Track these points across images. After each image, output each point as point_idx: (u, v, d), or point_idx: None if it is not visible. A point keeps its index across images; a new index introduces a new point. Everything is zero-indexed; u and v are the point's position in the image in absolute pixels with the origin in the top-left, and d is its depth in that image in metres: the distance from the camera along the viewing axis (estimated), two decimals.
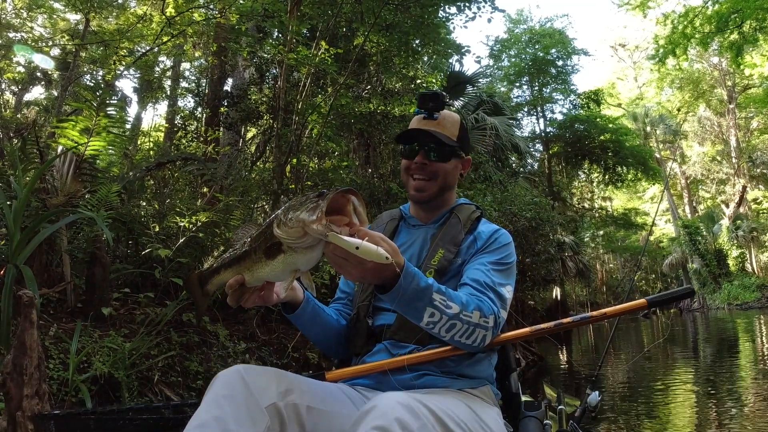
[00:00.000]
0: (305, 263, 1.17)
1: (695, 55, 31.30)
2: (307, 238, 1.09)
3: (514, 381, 1.81)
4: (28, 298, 2.26)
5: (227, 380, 1.18)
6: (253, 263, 1.23)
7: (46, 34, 14.82)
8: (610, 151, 24.88)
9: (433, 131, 1.64)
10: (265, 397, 1.17)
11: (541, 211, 11.11)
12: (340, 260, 1.13)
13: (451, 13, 8.96)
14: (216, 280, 1.37)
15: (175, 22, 8.49)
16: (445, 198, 1.72)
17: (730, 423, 4.66)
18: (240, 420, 1.10)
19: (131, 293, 4.38)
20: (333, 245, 1.09)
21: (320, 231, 1.06)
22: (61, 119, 5.23)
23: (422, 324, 1.32)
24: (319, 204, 1.07)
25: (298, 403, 1.23)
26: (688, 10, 15.83)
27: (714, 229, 30.96)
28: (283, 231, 1.10)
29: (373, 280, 1.24)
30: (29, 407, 2.25)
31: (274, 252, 1.16)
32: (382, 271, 1.18)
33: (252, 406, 1.13)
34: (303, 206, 1.09)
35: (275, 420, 1.16)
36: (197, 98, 11.35)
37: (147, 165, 6.00)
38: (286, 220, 1.10)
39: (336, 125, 8.40)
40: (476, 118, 15.19)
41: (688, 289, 1.71)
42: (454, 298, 1.33)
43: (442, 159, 1.66)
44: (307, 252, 1.13)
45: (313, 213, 1.07)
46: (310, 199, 1.10)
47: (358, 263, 1.12)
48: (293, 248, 1.12)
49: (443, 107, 1.69)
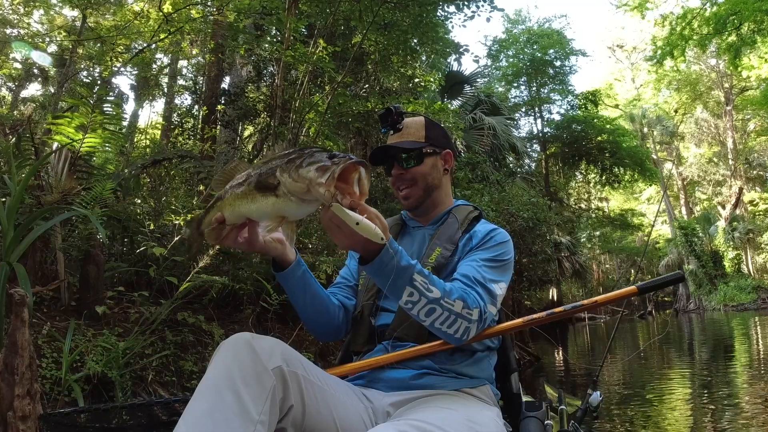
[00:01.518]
0: (294, 214, 1.19)
1: (693, 57, 31.34)
2: (309, 195, 1.10)
3: (515, 381, 1.82)
4: (19, 296, 2.23)
5: (233, 344, 1.20)
6: (237, 198, 1.22)
7: (42, 30, 14.74)
8: (608, 151, 24.92)
9: (395, 143, 1.70)
10: (272, 360, 1.18)
11: (539, 212, 11.12)
12: (333, 227, 1.16)
13: (449, 12, 8.93)
14: (206, 219, 1.36)
15: (172, 19, 8.44)
16: (434, 198, 1.74)
17: (725, 424, 4.65)
18: (247, 379, 1.12)
19: (126, 292, 4.35)
20: (329, 211, 1.12)
21: (325, 197, 1.08)
22: (57, 116, 5.18)
23: (401, 303, 1.34)
24: (331, 168, 1.08)
25: (299, 372, 1.25)
26: (686, 12, 15.84)
27: (710, 230, 31.02)
28: (286, 179, 1.11)
29: (358, 250, 1.28)
30: (20, 407, 2.22)
31: (266, 191, 1.16)
32: (369, 244, 1.22)
33: (259, 366, 1.15)
34: (312, 163, 1.09)
35: (279, 382, 1.18)
36: (194, 96, 11.29)
37: (142, 162, 5.96)
38: (292, 170, 1.10)
39: (333, 124, 8.37)
40: (474, 118, 15.21)
41: (677, 274, 1.71)
42: (436, 283, 1.35)
43: (415, 163, 1.70)
44: (302, 205, 1.14)
45: (322, 175, 1.07)
46: (321, 157, 1.10)
47: (351, 234, 1.16)
48: (289, 197, 1.12)
49: (401, 118, 1.74)
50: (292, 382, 1.21)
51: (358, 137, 10.36)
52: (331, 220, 1.14)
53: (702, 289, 29.83)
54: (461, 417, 1.30)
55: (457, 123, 10.83)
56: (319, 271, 5.03)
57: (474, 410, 1.39)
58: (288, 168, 1.11)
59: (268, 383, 1.14)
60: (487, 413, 1.42)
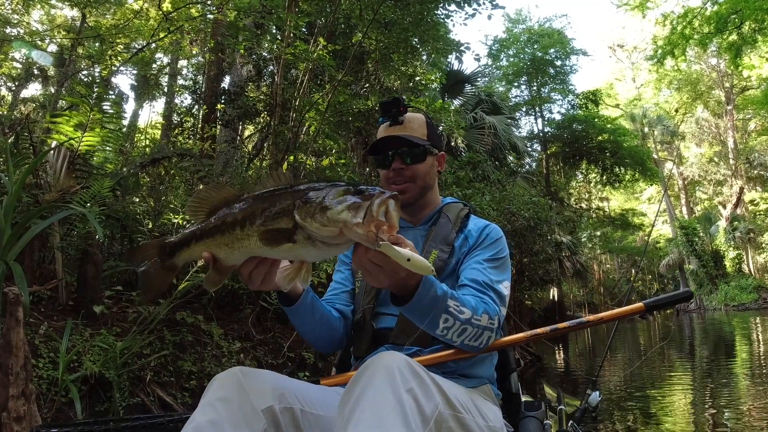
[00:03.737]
0: (317, 258, 1.08)
1: (693, 56, 31.31)
2: (340, 239, 0.99)
3: (514, 381, 1.82)
4: (14, 295, 2.20)
5: (224, 383, 1.16)
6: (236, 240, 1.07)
7: (42, 29, 14.71)
8: (608, 151, 24.88)
9: (402, 135, 1.63)
10: (262, 400, 1.14)
11: (540, 211, 11.08)
12: (373, 267, 1.07)
13: (450, 10, 8.89)
14: (184, 253, 1.17)
15: (172, 18, 8.42)
16: (427, 198, 1.71)
17: (726, 424, 4.63)
18: (235, 423, 1.08)
19: (124, 291, 4.32)
20: (371, 251, 1.01)
21: (367, 237, 0.96)
22: (55, 114, 5.16)
23: (437, 332, 1.31)
24: (364, 206, 0.97)
25: (294, 406, 1.21)
26: (687, 11, 15.79)
27: (711, 230, 31.01)
28: (311, 224, 0.98)
29: (396, 289, 1.21)
30: (15, 408, 2.19)
31: (279, 237, 1.02)
32: (409, 279, 1.17)
33: (248, 409, 1.11)
34: (340, 202, 0.98)
35: (271, 423, 1.14)
36: (194, 95, 11.26)
37: (141, 161, 5.93)
38: (317, 213, 0.98)
39: (334, 123, 8.34)
40: (475, 117, 15.17)
41: (686, 292, 1.67)
42: (465, 303, 1.33)
43: (418, 160, 1.65)
44: (327, 249, 1.02)
45: (356, 214, 0.96)
46: (348, 195, 0.99)
47: (394, 273, 1.08)
48: (313, 241, 1.00)
49: (406, 110, 1.68)
50: (285, 419, 1.17)
51: (359, 136, 10.33)
52: (372, 261, 1.05)
53: (703, 289, 29.82)
54: (466, 393, 1.33)
55: (458, 121, 10.80)
56: (320, 270, 5.00)
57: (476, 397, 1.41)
58: (310, 210, 0.98)
59: (258, 427, 1.11)
60: (488, 405, 1.43)
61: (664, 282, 38.71)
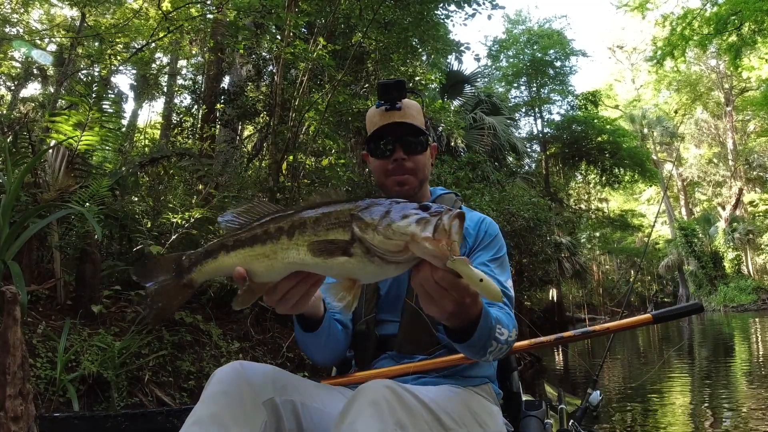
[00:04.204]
0: (370, 277, 0.98)
1: (693, 58, 31.33)
2: (403, 254, 0.91)
3: (514, 380, 1.82)
4: (11, 294, 2.18)
5: (225, 376, 1.15)
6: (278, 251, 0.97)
7: (41, 28, 14.70)
8: (608, 152, 24.90)
9: (406, 123, 1.54)
10: (263, 393, 1.14)
11: (539, 212, 11.09)
12: (438, 290, 0.95)
13: (450, 10, 8.89)
14: (208, 266, 1.06)
15: (171, 17, 8.41)
16: (423, 191, 1.63)
17: (725, 424, 4.63)
18: (236, 416, 1.08)
19: (122, 290, 4.30)
20: (439, 271, 0.92)
21: (437, 252, 0.88)
22: (54, 113, 5.15)
23: (485, 359, 1.24)
24: (435, 221, 0.90)
25: (294, 399, 1.20)
26: (686, 12, 15.83)
27: (710, 231, 31.04)
28: (373, 236, 0.91)
29: (455, 319, 1.07)
30: (12, 408, 2.17)
31: (334, 249, 0.94)
32: (472, 308, 1.05)
33: (248, 402, 1.11)
34: (407, 216, 0.91)
35: (272, 416, 1.14)
36: (194, 95, 11.25)
37: (140, 160, 5.92)
38: (381, 225, 0.91)
39: (333, 123, 8.32)
40: (474, 118, 15.18)
41: (695, 305, 1.62)
42: (504, 325, 1.25)
43: (420, 150, 1.56)
44: (384, 267, 0.93)
45: (425, 228, 0.89)
46: (414, 209, 0.93)
47: (461, 297, 0.98)
48: (371, 256, 0.93)
49: (405, 95, 1.57)
50: (286, 412, 1.17)
51: (358, 136, 10.30)
52: (439, 282, 0.94)
53: (702, 290, 29.84)
54: (461, 402, 1.29)
55: (457, 122, 10.80)
56: None
57: (475, 402, 1.38)
58: (373, 222, 0.92)
59: (259, 419, 1.10)
60: (486, 408, 1.41)
61: (663, 283, 38.73)
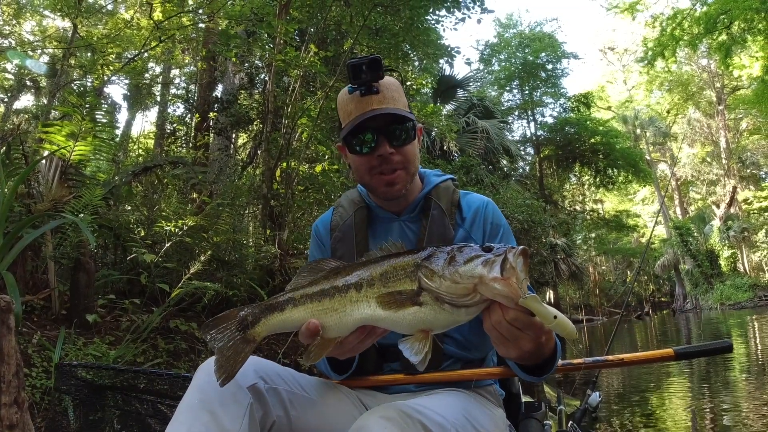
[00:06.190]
0: (442, 325, 0.95)
1: (684, 58, 31.55)
2: (473, 297, 0.90)
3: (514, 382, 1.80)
4: (5, 302, 2.20)
5: (208, 369, 1.17)
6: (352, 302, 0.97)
7: (34, 40, 14.70)
8: (601, 153, 25.03)
9: (387, 110, 1.31)
10: (245, 379, 1.16)
11: (534, 214, 11.13)
12: (512, 330, 0.92)
13: (440, 15, 8.96)
14: (273, 320, 1.06)
15: (163, 27, 8.44)
16: (414, 183, 1.46)
17: (725, 424, 4.63)
18: (223, 400, 1.11)
19: (117, 299, 4.31)
20: (511, 312, 0.89)
21: (508, 292, 0.87)
22: (47, 123, 5.16)
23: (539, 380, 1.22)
24: (500, 261, 0.89)
25: (279, 387, 1.22)
26: (676, 12, 15.96)
27: (705, 229, 31.15)
28: (440, 283, 0.90)
29: (531, 356, 1.00)
30: (8, 416, 2.18)
31: (404, 300, 0.93)
32: (548, 344, 1.01)
33: (233, 386, 1.12)
34: (471, 259, 0.90)
35: (258, 401, 1.16)
36: (187, 104, 11.28)
37: (133, 170, 5.94)
38: (446, 270, 0.90)
39: (326, 129, 8.36)
40: (467, 122, 15.24)
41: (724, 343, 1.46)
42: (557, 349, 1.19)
43: (408, 140, 1.35)
44: (455, 312, 0.91)
45: (491, 269, 0.88)
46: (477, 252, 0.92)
47: (536, 336, 0.94)
48: (441, 303, 0.91)
49: (382, 75, 1.31)
50: (271, 398, 1.18)
51: None
52: (512, 323, 0.91)
53: (698, 289, 29.92)
54: (460, 409, 1.28)
55: (449, 126, 10.84)
56: None
57: (474, 407, 1.36)
58: (437, 269, 0.91)
59: (245, 401, 1.12)
60: (487, 412, 1.39)
61: (660, 282, 38.81)
